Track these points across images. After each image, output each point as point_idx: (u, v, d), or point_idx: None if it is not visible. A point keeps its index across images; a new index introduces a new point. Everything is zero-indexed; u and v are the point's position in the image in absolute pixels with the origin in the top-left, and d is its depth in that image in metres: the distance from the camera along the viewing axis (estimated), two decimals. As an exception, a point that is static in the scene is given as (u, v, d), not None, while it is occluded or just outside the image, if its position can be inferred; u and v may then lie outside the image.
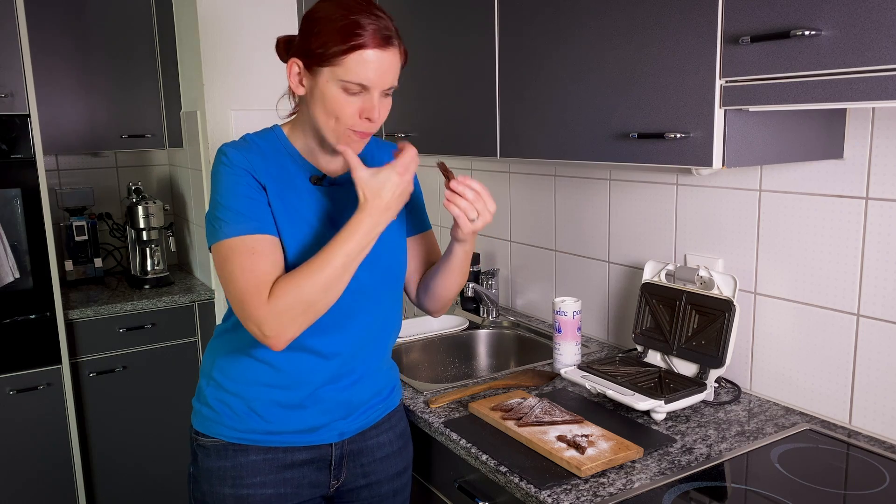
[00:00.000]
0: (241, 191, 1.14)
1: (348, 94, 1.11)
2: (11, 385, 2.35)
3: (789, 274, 1.45)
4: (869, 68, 0.93)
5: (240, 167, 1.16)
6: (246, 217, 1.13)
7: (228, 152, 1.18)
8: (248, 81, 2.65)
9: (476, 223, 1.21)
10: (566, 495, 1.14)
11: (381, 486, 1.37)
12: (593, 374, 1.54)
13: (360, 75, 1.10)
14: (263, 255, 1.11)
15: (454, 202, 1.20)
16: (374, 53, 1.10)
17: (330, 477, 1.31)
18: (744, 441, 1.32)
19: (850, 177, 1.33)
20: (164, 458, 2.71)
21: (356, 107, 1.13)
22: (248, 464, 1.24)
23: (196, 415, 1.31)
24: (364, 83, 1.11)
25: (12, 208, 2.32)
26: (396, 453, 1.39)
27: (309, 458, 1.28)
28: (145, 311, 2.62)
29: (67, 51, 2.65)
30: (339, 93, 1.11)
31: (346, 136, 1.16)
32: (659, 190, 1.72)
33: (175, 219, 3.17)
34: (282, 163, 1.22)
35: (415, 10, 1.88)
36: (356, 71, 1.09)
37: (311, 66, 1.13)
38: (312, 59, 1.12)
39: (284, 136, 1.24)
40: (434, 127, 1.87)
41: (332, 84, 1.11)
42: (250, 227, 1.12)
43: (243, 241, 1.11)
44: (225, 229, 1.12)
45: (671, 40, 1.20)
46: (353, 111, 1.13)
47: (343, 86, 1.11)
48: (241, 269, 1.10)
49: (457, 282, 1.35)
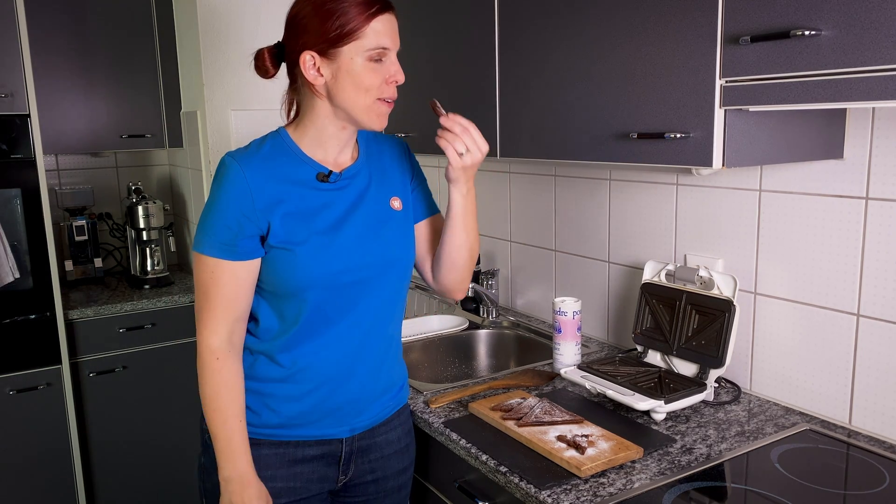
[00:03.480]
0: (227, 214, 1.19)
1: (373, 63, 1.17)
2: (11, 385, 2.35)
3: (789, 274, 1.45)
4: (869, 68, 0.93)
5: (238, 188, 1.18)
6: (219, 241, 1.19)
7: (232, 168, 1.19)
8: (248, 81, 2.65)
9: (465, 159, 1.23)
10: (566, 495, 1.14)
11: (386, 482, 1.39)
12: (593, 374, 1.54)
13: (382, 40, 1.16)
14: (221, 283, 1.20)
15: (443, 136, 1.24)
16: (387, 17, 1.17)
17: (338, 472, 1.33)
18: (744, 441, 1.32)
19: (850, 177, 1.33)
20: (164, 458, 2.71)
21: (382, 74, 1.18)
22: (259, 457, 1.25)
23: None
24: (386, 45, 1.17)
25: (12, 208, 2.32)
26: (403, 450, 1.41)
27: (319, 453, 1.29)
28: (145, 311, 2.62)
29: (67, 51, 2.64)
30: (365, 64, 1.16)
31: (377, 108, 1.20)
32: (659, 190, 1.72)
33: (175, 219, 3.17)
34: (286, 164, 1.23)
35: (415, 9, 1.88)
36: (377, 37, 1.16)
37: (329, 49, 1.15)
38: (329, 43, 1.15)
39: (290, 138, 1.25)
40: (434, 127, 1.87)
41: (357, 58, 1.15)
42: (218, 251, 1.20)
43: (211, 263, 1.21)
44: (200, 241, 1.22)
45: (671, 40, 1.20)
46: (381, 79, 1.18)
47: (369, 55, 1.16)
48: (202, 289, 1.22)
49: (462, 241, 1.32)
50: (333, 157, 1.27)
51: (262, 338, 1.26)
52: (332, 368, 1.27)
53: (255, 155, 1.22)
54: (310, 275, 1.21)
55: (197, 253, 1.22)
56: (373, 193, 1.29)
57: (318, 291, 1.22)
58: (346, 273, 1.23)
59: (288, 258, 1.20)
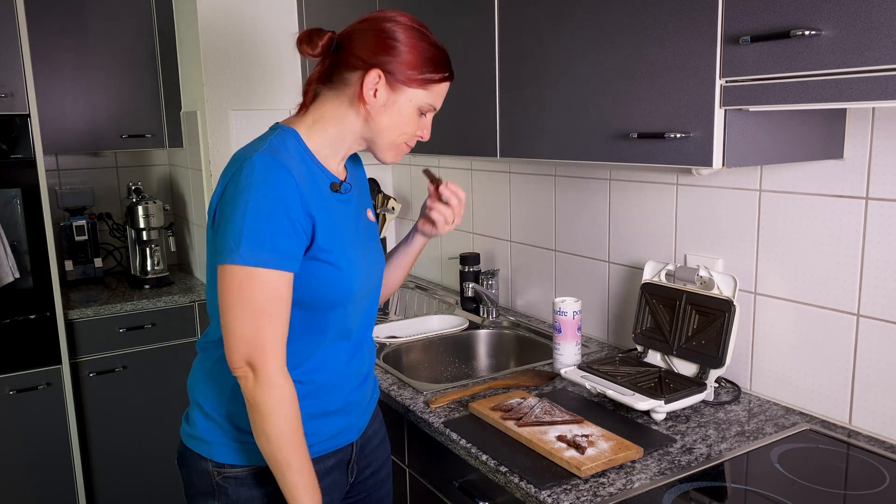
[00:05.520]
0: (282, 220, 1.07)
1: (418, 114, 1.20)
2: (11, 385, 2.35)
3: (789, 274, 1.45)
4: (869, 68, 0.93)
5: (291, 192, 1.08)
6: (279, 251, 1.07)
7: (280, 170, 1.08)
8: (248, 81, 2.65)
9: (450, 226, 1.33)
10: (566, 495, 1.14)
11: (379, 473, 1.40)
12: (593, 374, 1.54)
13: (438, 101, 1.21)
14: (285, 300, 1.08)
15: (437, 209, 1.31)
16: (448, 85, 1.22)
17: (348, 476, 1.32)
18: (744, 441, 1.32)
19: (850, 177, 1.33)
20: (164, 458, 2.71)
21: (417, 126, 1.21)
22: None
23: (216, 447, 1.20)
24: (437, 107, 1.22)
25: (12, 208, 2.32)
26: (384, 438, 1.43)
27: (335, 462, 1.27)
28: (145, 311, 2.62)
29: (67, 51, 2.64)
30: (414, 112, 1.19)
31: (401, 148, 1.23)
32: (659, 190, 1.72)
33: (175, 219, 3.17)
34: (309, 172, 1.16)
35: (415, 9, 1.87)
36: (436, 98, 1.20)
37: (397, 83, 1.15)
38: (400, 78, 1.15)
39: (303, 141, 1.18)
40: (434, 127, 1.87)
41: (413, 104, 1.17)
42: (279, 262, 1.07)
43: (271, 277, 1.06)
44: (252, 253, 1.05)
45: (671, 40, 1.20)
46: (415, 129, 1.21)
47: (421, 107, 1.19)
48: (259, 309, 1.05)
49: (405, 274, 1.46)
50: (336, 167, 1.23)
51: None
52: (349, 379, 1.26)
53: (289, 157, 1.12)
54: (349, 289, 1.18)
55: (246, 267, 1.05)
56: (361, 205, 1.29)
57: (346, 305, 1.20)
58: (365, 285, 1.24)
59: (332, 273, 1.15)
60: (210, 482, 1.20)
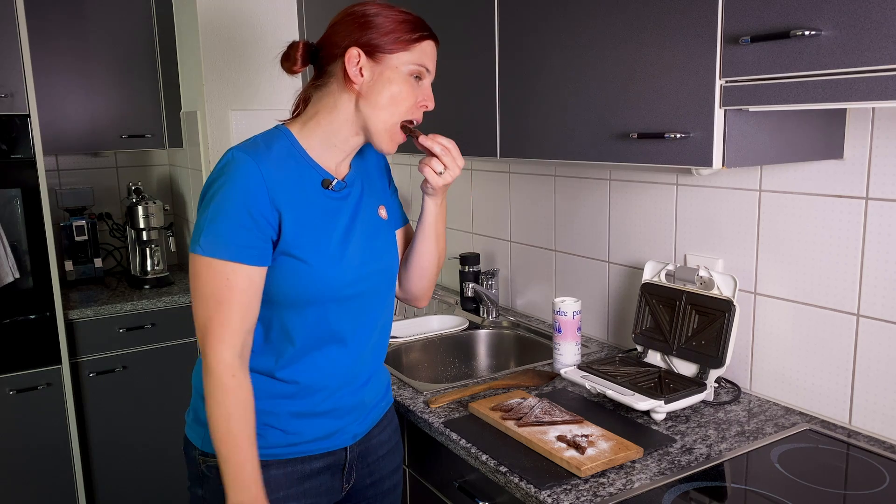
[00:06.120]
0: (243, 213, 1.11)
1: (412, 79, 1.18)
2: (11, 385, 2.35)
3: (789, 274, 1.45)
4: (869, 68, 0.93)
5: (255, 185, 1.11)
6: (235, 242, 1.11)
7: (246, 163, 1.12)
8: (248, 81, 2.65)
9: (444, 176, 1.25)
10: (566, 495, 1.14)
11: (382, 484, 1.38)
12: (593, 374, 1.54)
13: (426, 60, 1.19)
14: (238, 290, 1.11)
15: (423, 161, 1.25)
16: (433, 44, 1.21)
17: (342, 481, 1.31)
18: (744, 441, 1.32)
19: (850, 177, 1.33)
20: (164, 459, 2.71)
21: (416, 94, 1.19)
22: (269, 480, 1.19)
23: (203, 436, 1.22)
24: (428, 66, 1.20)
25: (12, 208, 2.32)
26: (394, 449, 1.41)
27: (325, 465, 1.27)
28: (145, 311, 2.62)
29: (67, 51, 2.65)
30: (406, 78, 1.17)
31: (396, 133, 1.20)
32: (659, 190, 1.72)
33: (175, 219, 3.18)
34: (295, 169, 1.18)
35: (415, 10, 1.87)
36: (423, 56, 1.18)
37: (377, 52, 1.15)
38: (379, 46, 1.15)
39: (295, 139, 1.21)
40: (434, 127, 1.87)
41: (400, 69, 1.16)
42: (234, 253, 1.11)
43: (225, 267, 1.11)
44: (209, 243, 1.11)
45: (671, 40, 1.20)
46: (414, 99, 1.19)
47: (411, 70, 1.17)
48: (214, 297, 1.11)
49: (433, 249, 1.35)
50: (335, 165, 1.23)
51: (260, 353, 1.21)
52: (338, 380, 1.25)
53: (267, 153, 1.15)
54: (322, 288, 1.17)
55: (204, 257, 1.11)
56: (366, 203, 1.28)
57: (325, 304, 1.19)
58: (352, 285, 1.22)
59: (300, 269, 1.16)
60: (198, 469, 1.25)
